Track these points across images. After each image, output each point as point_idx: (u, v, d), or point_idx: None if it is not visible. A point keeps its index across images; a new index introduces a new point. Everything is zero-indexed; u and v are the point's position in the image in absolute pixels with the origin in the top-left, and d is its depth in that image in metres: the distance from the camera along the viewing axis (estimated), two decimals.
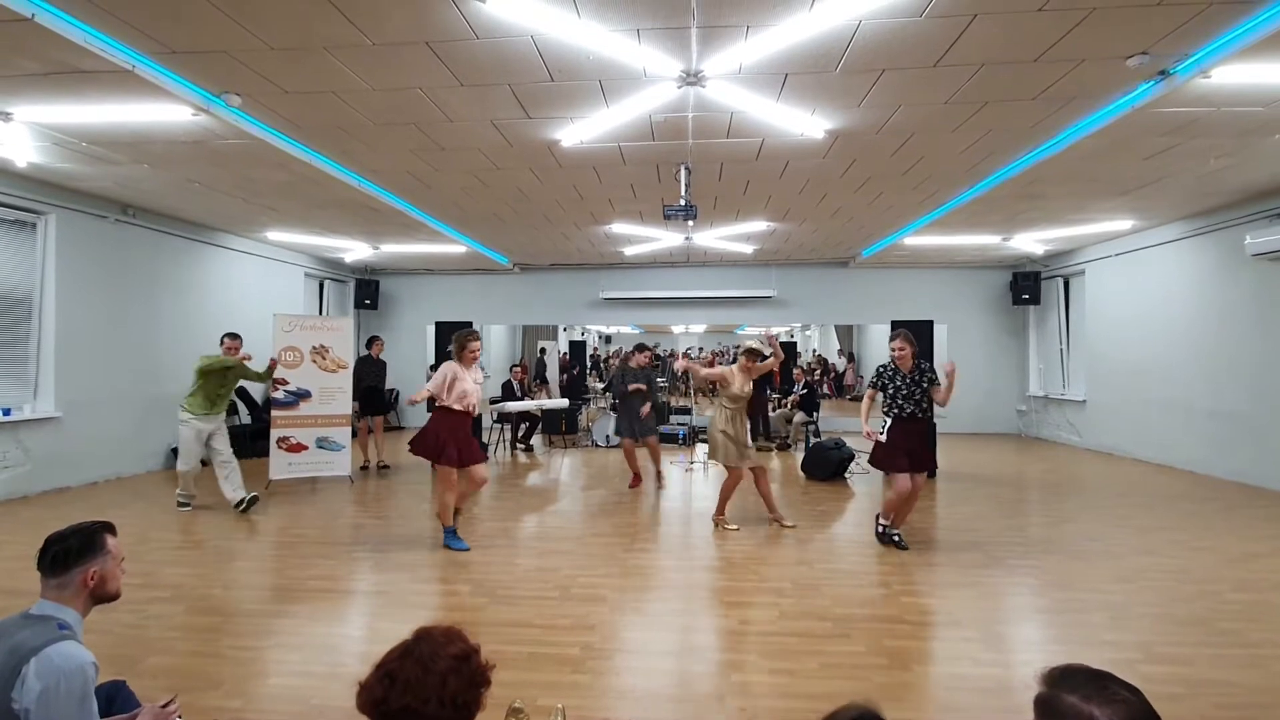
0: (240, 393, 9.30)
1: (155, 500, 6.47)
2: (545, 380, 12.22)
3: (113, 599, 1.84)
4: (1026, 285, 11.04)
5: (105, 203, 7.30)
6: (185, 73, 4.23)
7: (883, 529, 5.00)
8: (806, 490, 7.07)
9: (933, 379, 4.89)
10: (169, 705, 1.86)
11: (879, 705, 1.13)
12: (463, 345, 4.90)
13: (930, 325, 8.13)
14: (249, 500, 5.90)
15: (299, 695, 2.77)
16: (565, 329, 15.29)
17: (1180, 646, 3.24)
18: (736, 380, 5.50)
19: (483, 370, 5.16)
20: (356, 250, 10.45)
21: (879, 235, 9.40)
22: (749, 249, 10.45)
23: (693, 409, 11.99)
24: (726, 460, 5.45)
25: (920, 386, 4.85)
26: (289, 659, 3.14)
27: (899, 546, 4.84)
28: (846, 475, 7.68)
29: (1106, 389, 9.67)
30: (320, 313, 11.51)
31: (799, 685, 2.87)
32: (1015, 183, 6.40)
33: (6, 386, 6.53)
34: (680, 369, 5.96)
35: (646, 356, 7.35)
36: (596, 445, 10.33)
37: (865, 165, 6.13)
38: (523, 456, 9.53)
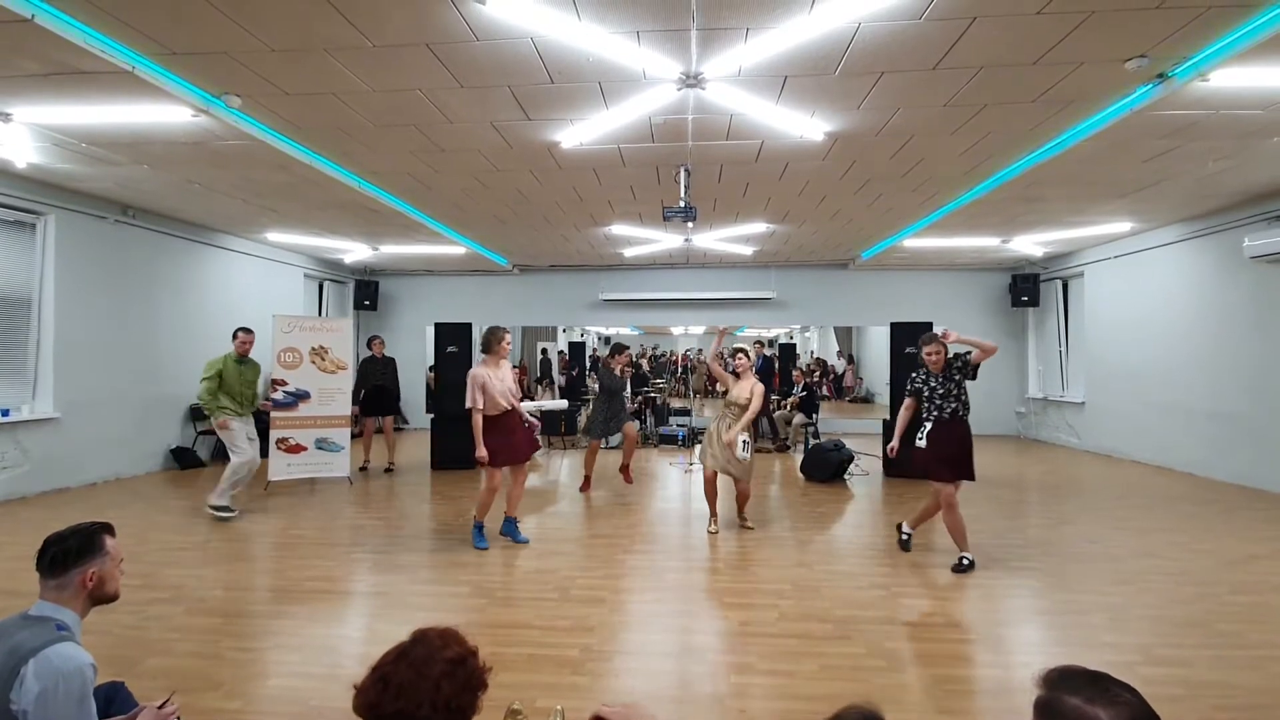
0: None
1: (154, 501, 6.47)
2: (552, 379, 12.21)
3: (111, 600, 1.84)
4: (1026, 287, 11.05)
5: (105, 203, 7.30)
6: (185, 74, 4.23)
7: (906, 537, 4.89)
8: (806, 492, 7.07)
9: (964, 364, 4.62)
10: (166, 705, 1.85)
11: (879, 707, 1.13)
12: (499, 339, 4.95)
13: (930, 327, 8.12)
14: (223, 510, 5.73)
15: (298, 696, 2.77)
16: (565, 330, 15.29)
17: (1180, 648, 3.24)
18: (733, 386, 5.44)
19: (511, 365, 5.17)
20: (356, 251, 10.45)
21: (878, 237, 9.41)
22: (748, 250, 10.46)
23: (692, 410, 12.00)
24: (711, 466, 5.40)
25: (954, 380, 4.58)
26: (288, 660, 3.14)
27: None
28: (846, 477, 7.68)
29: (1106, 391, 9.67)
30: (320, 314, 11.50)
31: (799, 687, 2.87)
32: (1014, 185, 6.41)
33: (5, 387, 6.52)
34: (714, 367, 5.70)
35: (625, 358, 7.33)
36: (600, 448, 10.29)
37: (865, 167, 6.14)
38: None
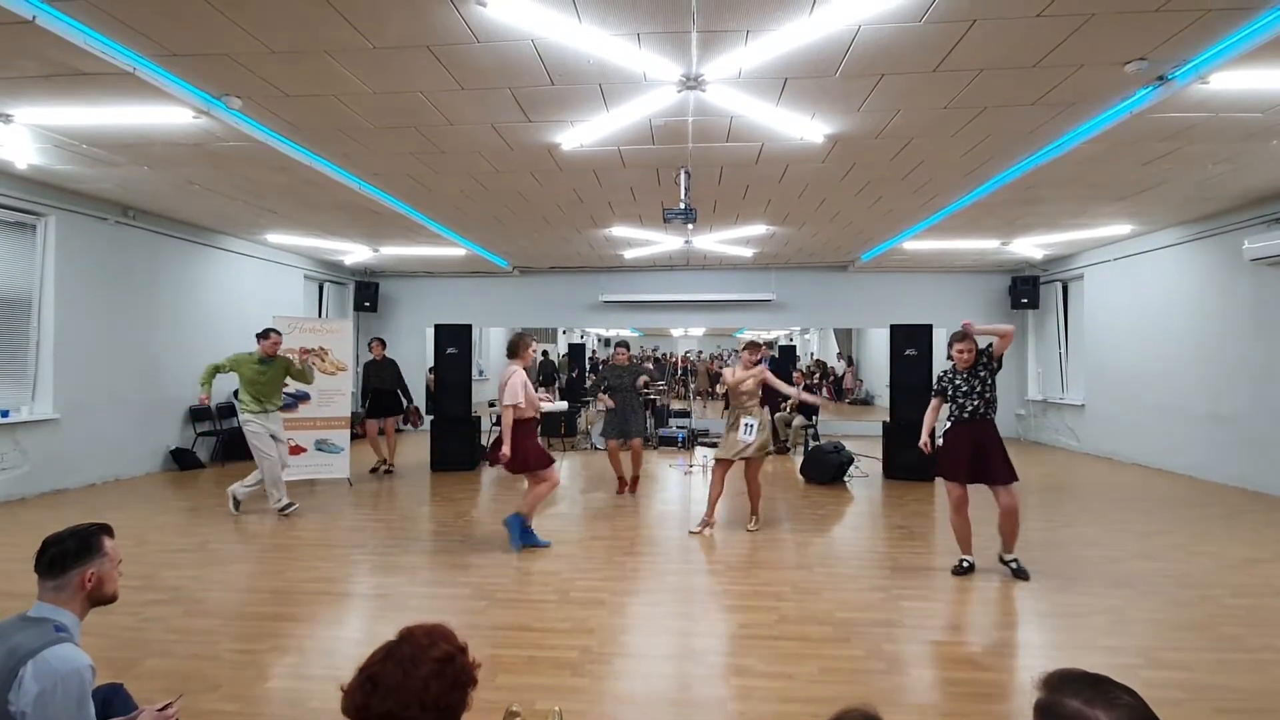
0: (239, 394, 9.28)
1: (154, 502, 6.47)
2: (555, 380, 12.20)
3: (110, 601, 1.84)
4: (1025, 289, 11.05)
5: (105, 204, 7.30)
6: (186, 75, 4.24)
7: (961, 563, 4.42)
8: (806, 494, 7.06)
9: (988, 358, 4.40)
10: (168, 708, 1.85)
11: (877, 709, 1.13)
12: (526, 344, 4.99)
13: (929, 329, 8.13)
14: (236, 503, 5.93)
15: (297, 698, 2.77)
16: (565, 332, 15.30)
17: (1180, 651, 3.24)
18: (738, 377, 5.52)
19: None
20: (356, 253, 10.46)
21: (878, 239, 9.41)
22: (748, 252, 10.46)
23: (692, 412, 12.00)
24: (722, 453, 5.46)
25: (978, 376, 4.38)
26: (287, 662, 3.13)
27: (1019, 575, 4.25)
28: (846, 479, 7.67)
29: (1105, 393, 9.67)
30: (320, 315, 11.50)
31: (798, 689, 2.87)
32: (1014, 187, 6.41)
33: (5, 388, 6.52)
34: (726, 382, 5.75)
35: (624, 354, 7.34)
36: (595, 448, 10.32)
37: (864, 169, 6.14)
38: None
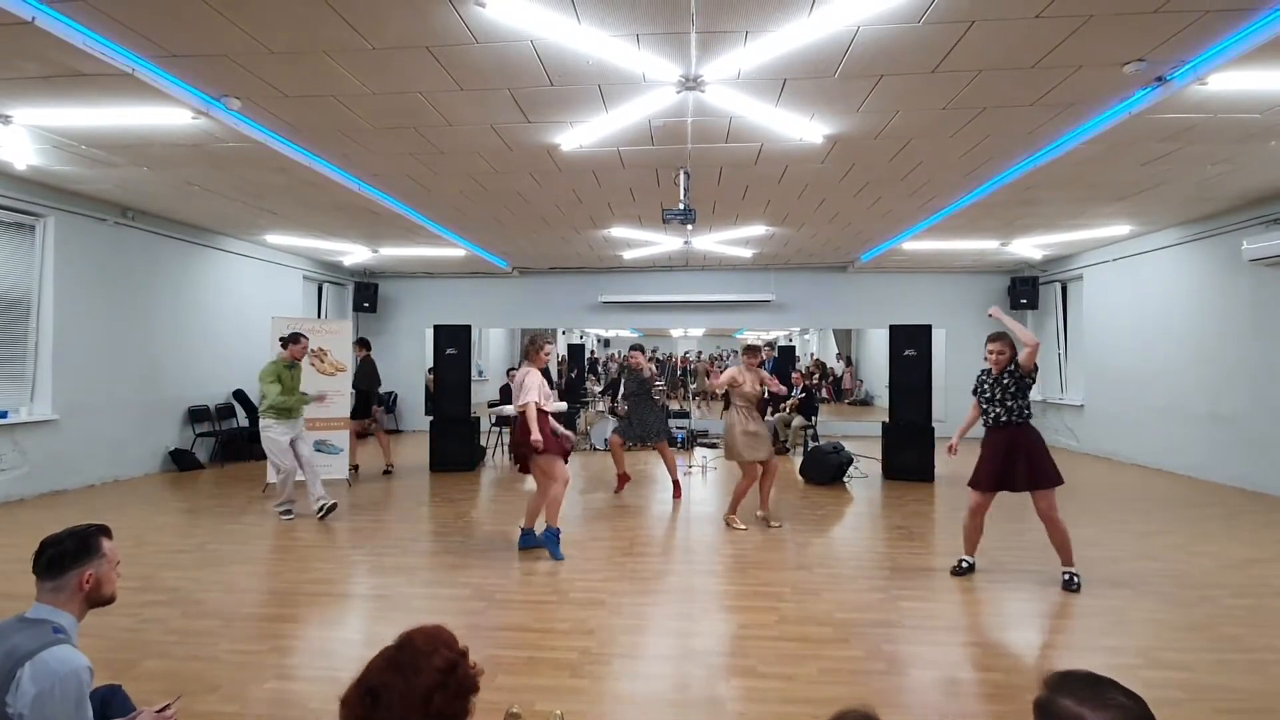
0: (238, 395, 9.30)
1: (153, 503, 6.46)
2: (556, 381, 12.17)
3: (108, 602, 1.83)
4: (1025, 290, 11.06)
5: (104, 205, 7.29)
6: (185, 76, 4.24)
7: (961, 564, 4.37)
8: (805, 494, 7.06)
9: (1016, 366, 4.18)
10: (167, 709, 1.85)
11: (875, 709, 1.13)
12: (539, 347, 4.96)
13: (929, 330, 8.13)
14: (328, 507, 5.78)
15: (297, 699, 2.77)
16: (564, 333, 15.30)
17: (1180, 652, 3.24)
18: (747, 379, 5.61)
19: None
20: (355, 253, 10.45)
21: (877, 240, 9.42)
22: (748, 253, 10.46)
23: (691, 413, 11.99)
24: (750, 457, 5.51)
25: (1001, 383, 4.18)
26: (286, 663, 3.13)
27: (1070, 588, 4.04)
28: (845, 479, 7.67)
29: (1105, 393, 9.68)
30: (319, 316, 11.50)
31: (798, 690, 2.86)
32: (1013, 188, 6.42)
33: (4, 389, 6.51)
34: (715, 386, 5.80)
35: (639, 358, 7.33)
36: (595, 449, 10.32)
37: (864, 170, 6.15)
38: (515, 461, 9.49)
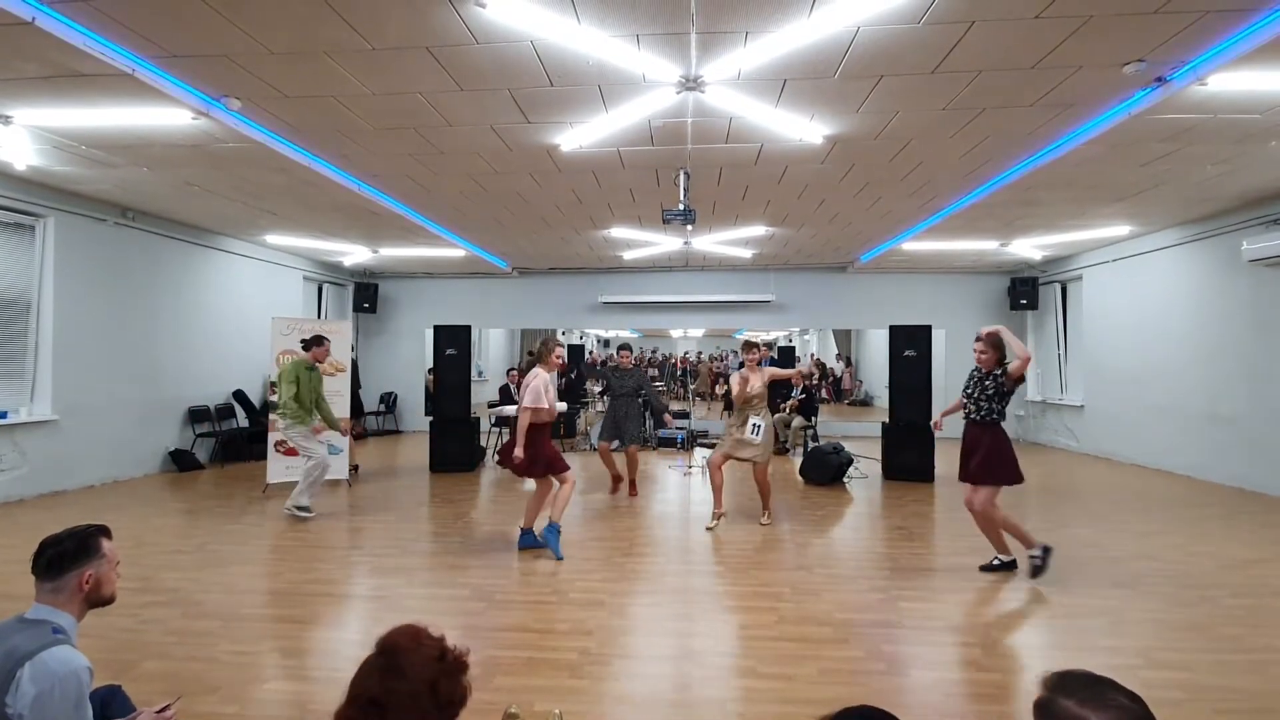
0: (238, 395, 9.30)
1: (152, 504, 6.46)
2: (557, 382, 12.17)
3: (108, 603, 1.83)
4: (1024, 290, 11.06)
5: (104, 205, 7.29)
6: (185, 76, 4.24)
7: (995, 560, 4.45)
8: (805, 495, 7.06)
9: (1003, 372, 4.32)
10: (166, 710, 1.84)
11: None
12: (551, 350, 4.95)
13: (928, 330, 8.13)
14: (304, 515, 5.81)
15: (296, 700, 2.77)
16: (564, 333, 15.30)
17: (1180, 652, 3.24)
18: (753, 380, 5.58)
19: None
20: (355, 254, 10.45)
21: (877, 240, 9.42)
22: (748, 253, 10.47)
23: (691, 413, 11.99)
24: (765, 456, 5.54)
25: (984, 384, 4.35)
26: (286, 664, 3.13)
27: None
28: (845, 480, 7.68)
29: (1104, 394, 9.68)
30: (319, 316, 11.50)
31: (798, 690, 2.86)
32: (1013, 188, 6.42)
33: (4, 389, 6.51)
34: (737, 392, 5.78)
35: (628, 357, 7.34)
36: (594, 449, 10.30)
37: (863, 171, 6.15)
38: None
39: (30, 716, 1.53)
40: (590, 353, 15.98)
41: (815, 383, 13.01)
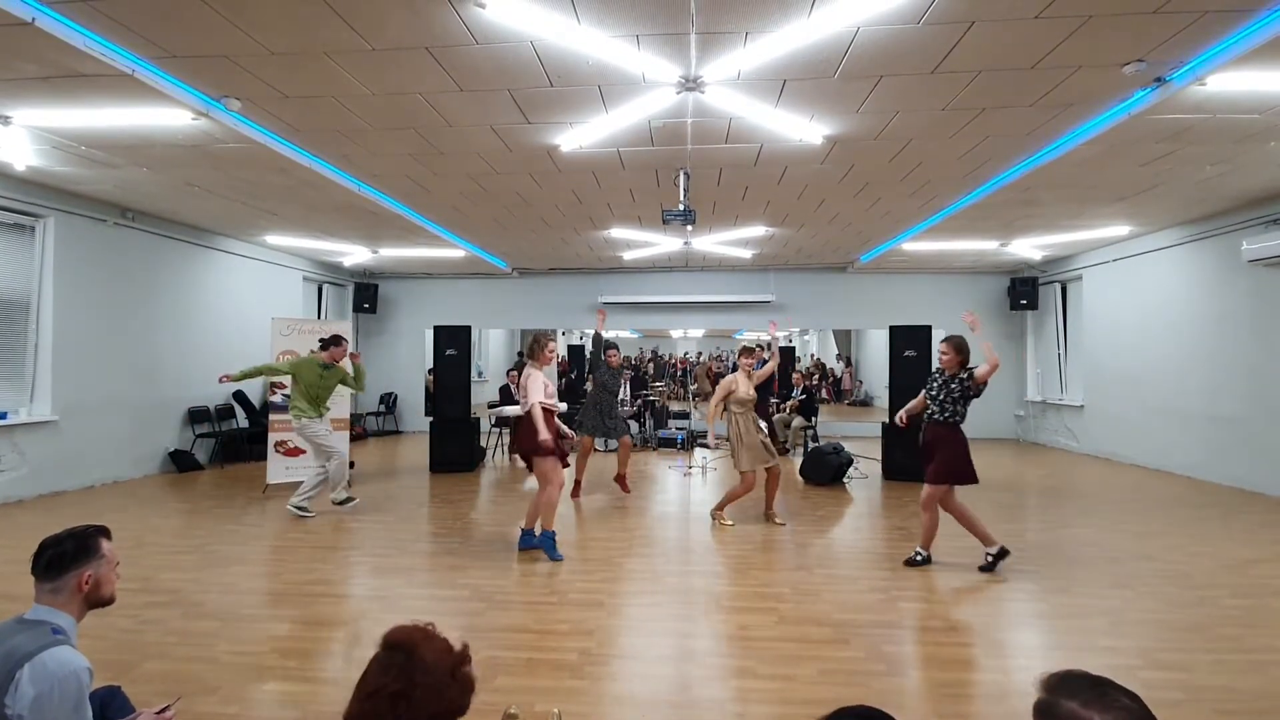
0: (238, 396, 9.30)
1: (152, 504, 6.46)
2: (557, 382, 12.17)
3: (108, 603, 1.83)
4: (1024, 290, 11.06)
5: (104, 206, 7.30)
6: (185, 77, 4.24)
7: (991, 553, 4.50)
8: (805, 495, 7.06)
9: (969, 375, 4.45)
10: (166, 710, 1.84)
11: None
12: (543, 346, 4.95)
13: (928, 330, 8.13)
14: (306, 513, 5.93)
15: (296, 701, 2.76)
16: (564, 333, 15.30)
17: (1180, 652, 3.24)
18: (741, 384, 5.64)
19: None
20: (355, 254, 10.45)
21: (877, 240, 9.42)
22: (747, 254, 10.47)
23: (691, 413, 11.99)
24: (749, 466, 5.55)
25: (949, 386, 4.49)
26: (286, 664, 3.12)
27: (912, 563, 4.58)
28: (845, 480, 7.68)
29: (1104, 394, 9.68)
30: (319, 316, 11.50)
31: (798, 691, 2.86)
32: (1013, 188, 6.42)
33: (3, 390, 6.51)
34: (713, 436, 5.78)
35: (616, 357, 7.32)
36: (594, 449, 10.30)
37: (863, 171, 6.15)
38: (520, 460, 9.49)
39: (30, 717, 1.53)
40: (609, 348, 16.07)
41: (814, 383, 13.01)
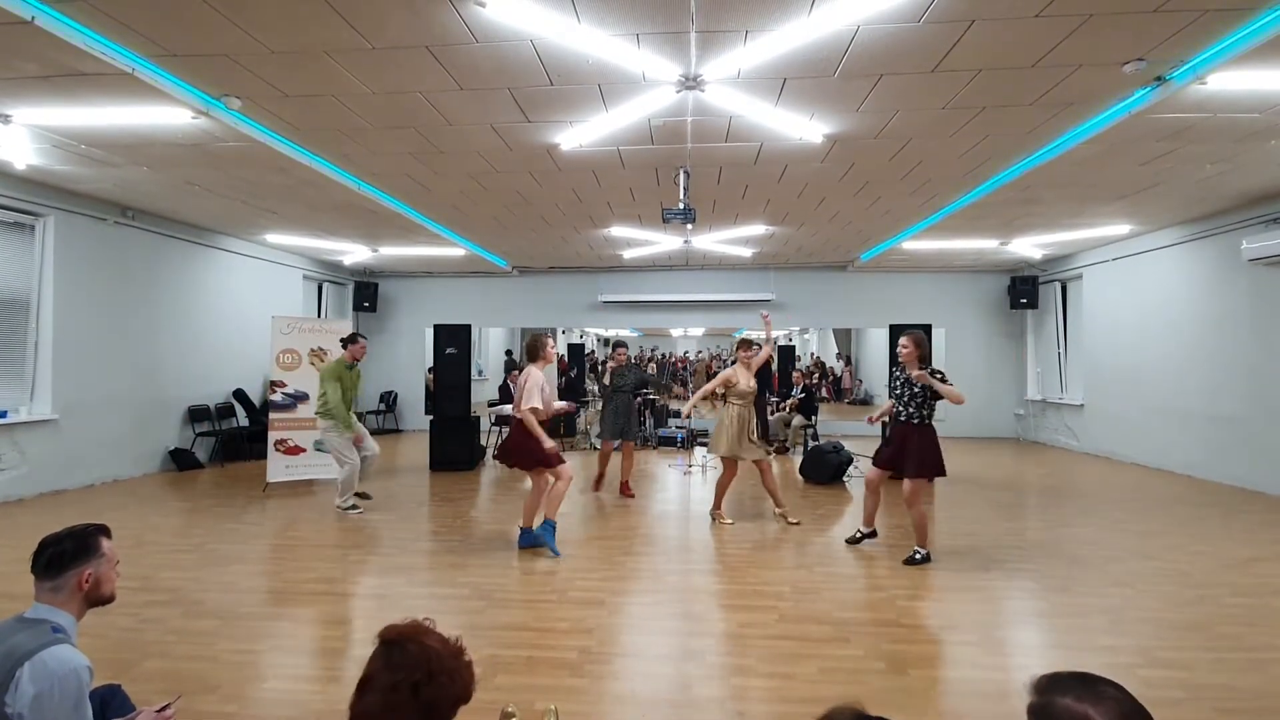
0: (238, 394, 9.30)
1: (152, 503, 6.46)
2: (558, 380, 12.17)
3: (108, 602, 1.83)
4: (1024, 289, 11.06)
5: (104, 205, 7.29)
6: (185, 76, 4.24)
7: (858, 534, 5.12)
8: (805, 494, 7.06)
9: (930, 389, 4.61)
10: (166, 709, 1.85)
11: (863, 706, 1.13)
12: (543, 346, 4.94)
13: (929, 329, 8.12)
14: (352, 508, 5.99)
15: (296, 699, 2.76)
16: (564, 332, 15.30)
17: (1180, 651, 3.24)
18: (741, 378, 5.65)
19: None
20: (355, 253, 10.45)
21: (877, 239, 9.42)
22: (747, 252, 10.46)
23: (691, 414, 11.99)
24: (725, 451, 5.61)
25: (910, 389, 4.66)
26: (286, 663, 3.13)
27: (908, 561, 4.60)
28: (845, 479, 7.68)
29: (1104, 393, 9.68)
30: (319, 315, 11.50)
31: (797, 689, 2.87)
32: (1013, 187, 6.42)
33: (3, 388, 6.51)
34: (686, 413, 6.03)
35: (623, 355, 7.33)
36: (595, 448, 10.32)
37: (863, 170, 6.14)
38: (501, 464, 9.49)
39: (30, 716, 1.53)
40: (590, 352, 16.04)
41: (814, 382, 13.00)
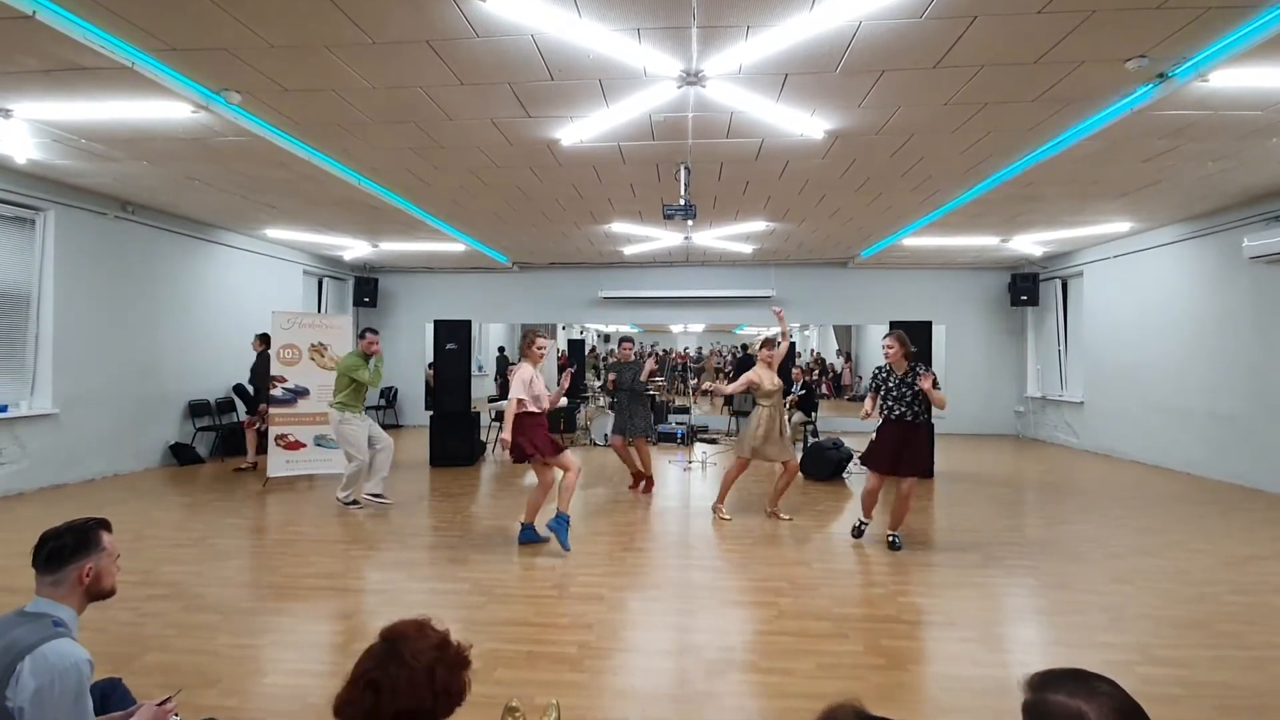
0: (239, 390, 9.30)
1: (152, 497, 6.47)
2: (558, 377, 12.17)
3: (108, 596, 1.83)
4: (1025, 287, 11.05)
5: (104, 199, 7.28)
6: (185, 70, 4.23)
7: (859, 525, 5.17)
8: (805, 490, 7.06)
9: (913, 382, 4.78)
10: (167, 703, 1.85)
11: (861, 702, 1.13)
12: (530, 343, 4.89)
13: (929, 326, 8.12)
14: (355, 502, 6.01)
15: (296, 693, 2.77)
16: (564, 328, 15.29)
17: (1179, 648, 3.24)
18: (764, 378, 5.64)
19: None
20: (356, 248, 10.44)
21: (878, 236, 9.40)
22: (748, 249, 10.45)
23: (692, 408, 12.00)
24: (747, 453, 5.63)
25: (910, 388, 4.78)
26: (286, 657, 3.14)
27: (893, 547, 4.86)
28: (845, 475, 7.69)
29: (1104, 390, 9.68)
30: (319, 310, 11.49)
31: (796, 685, 2.87)
32: (1014, 184, 6.40)
33: (4, 383, 6.51)
34: (708, 388, 6.01)
35: (629, 349, 7.32)
36: (595, 444, 10.33)
37: (864, 166, 6.13)
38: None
39: (30, 710, 1.53)
40: (591, 349, 16.05)
41: (815, 379, 13.01)
